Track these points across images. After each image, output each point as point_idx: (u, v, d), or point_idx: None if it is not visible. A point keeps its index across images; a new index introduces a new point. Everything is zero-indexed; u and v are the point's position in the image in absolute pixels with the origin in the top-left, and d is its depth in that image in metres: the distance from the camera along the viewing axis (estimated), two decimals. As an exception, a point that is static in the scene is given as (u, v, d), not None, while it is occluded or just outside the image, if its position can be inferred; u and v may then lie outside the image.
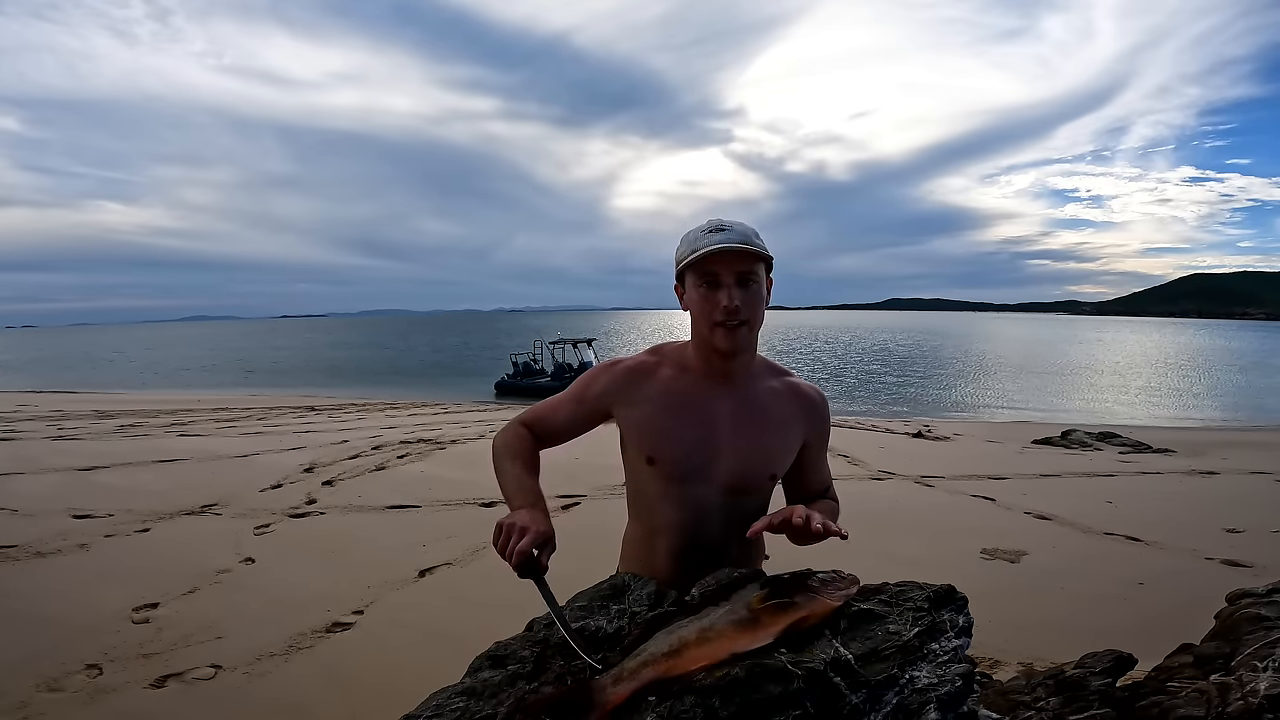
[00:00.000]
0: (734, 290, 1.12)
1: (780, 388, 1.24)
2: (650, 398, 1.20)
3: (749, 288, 1.13)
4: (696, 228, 1.17)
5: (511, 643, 1.05)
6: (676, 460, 1.18)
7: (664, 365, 1.24)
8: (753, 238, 1.14)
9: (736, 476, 1.19)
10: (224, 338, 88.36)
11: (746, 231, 1.14)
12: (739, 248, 1.10)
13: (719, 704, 0.81)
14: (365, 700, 2.47)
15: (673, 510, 1.21)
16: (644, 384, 1.22)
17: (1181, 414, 17.16)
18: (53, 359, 45.16)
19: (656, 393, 1.21)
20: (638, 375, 1.23)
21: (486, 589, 3.51)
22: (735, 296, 1.12)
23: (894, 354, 39.31)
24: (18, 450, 7.30)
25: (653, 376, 1.22)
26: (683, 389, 1.20)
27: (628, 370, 1.24)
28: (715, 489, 1.19)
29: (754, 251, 1.11)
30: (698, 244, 1.13)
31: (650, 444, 1.19)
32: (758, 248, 1.12)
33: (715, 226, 1.14)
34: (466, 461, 6.86)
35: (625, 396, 1.22)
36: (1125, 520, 4.75)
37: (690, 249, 1.14)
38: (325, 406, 13.96)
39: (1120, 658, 1.39)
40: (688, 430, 1.18)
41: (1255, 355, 42.81)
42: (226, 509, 4.93)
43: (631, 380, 1.22)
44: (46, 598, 3.29)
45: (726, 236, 1.12)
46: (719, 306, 1.12)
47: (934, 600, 0.97)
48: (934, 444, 8.88)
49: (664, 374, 1.22)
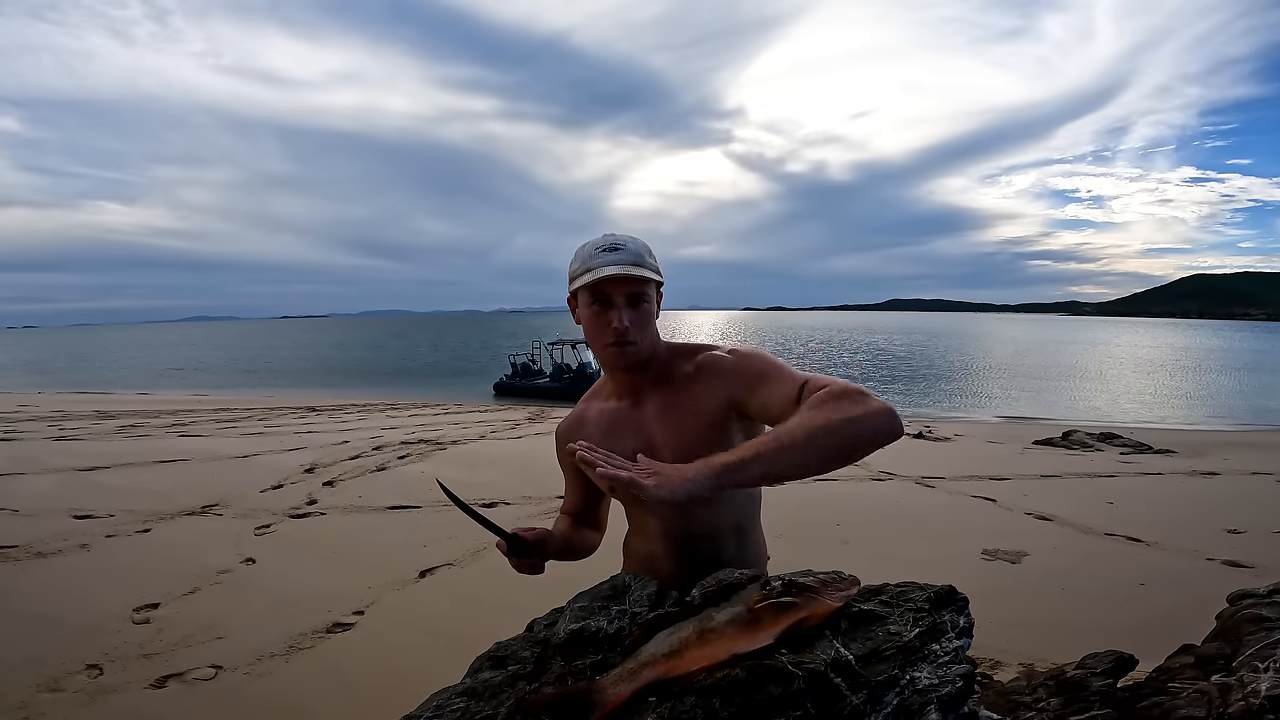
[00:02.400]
0: (624, 312, 1.14)
1: (692, 369, 1.24)
2: (590, 437, 1.24)
3: (639, 307, 1.16)
4: (590, 243, 1.17)
5: (512, 643, 1.05)
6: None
7: (592, 402, 1.32)
8: (645, 257, 1.16)
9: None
10: (224, 338, 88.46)
11: (639, 250, 1.16)
12: (631, 273, 1.12)
13: (719, 704, 0.81)
14: (366, 700, 2.48)
15: (653, 519, 1.25)
16: (579, 431, 1.28)
17: (1182, 415, 17.15)
18: (53, 359, 45.20)
19: (591, 431, 1.26)
20: (574, 425, 1.31)
21: (487, 589, 3.51)
22: (625, 318, 1.14)
23: (893, 355, 39.31)
24: (18, 450, 7.30)
25: (585, 419, 1.30)
26: (611, 415, 1.26)
27: (566, 427, 1.32)
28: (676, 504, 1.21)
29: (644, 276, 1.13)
30: (590, 263, 1.14)
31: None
32: (649, 270, 1.14)
33: (609, 245, 1.15)
34: (467, 462, 6.86)
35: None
36: (1126, 521, 4.74)
37: (584, 267, 1.15)
38: (326, 407, 13.97)
39: (1121, 658, 1.39)
40: (626, 449, 1.16)
41: (1256, 356, 42.79)
42: (227, 509, 4.93)
43: (569, 433, 1.29)
44: (46, 598, 3.30)
45: (619, 257, 1.13)
46: (609, 327, 1.15)
47: (935, 601, 0.97)
48: (934, 444, 8.88)
49: (593, 410, 1.30)
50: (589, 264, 1.14)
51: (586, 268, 1.14)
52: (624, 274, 1.12)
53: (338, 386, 23.56)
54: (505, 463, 6.91)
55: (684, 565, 1.21)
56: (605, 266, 1.12)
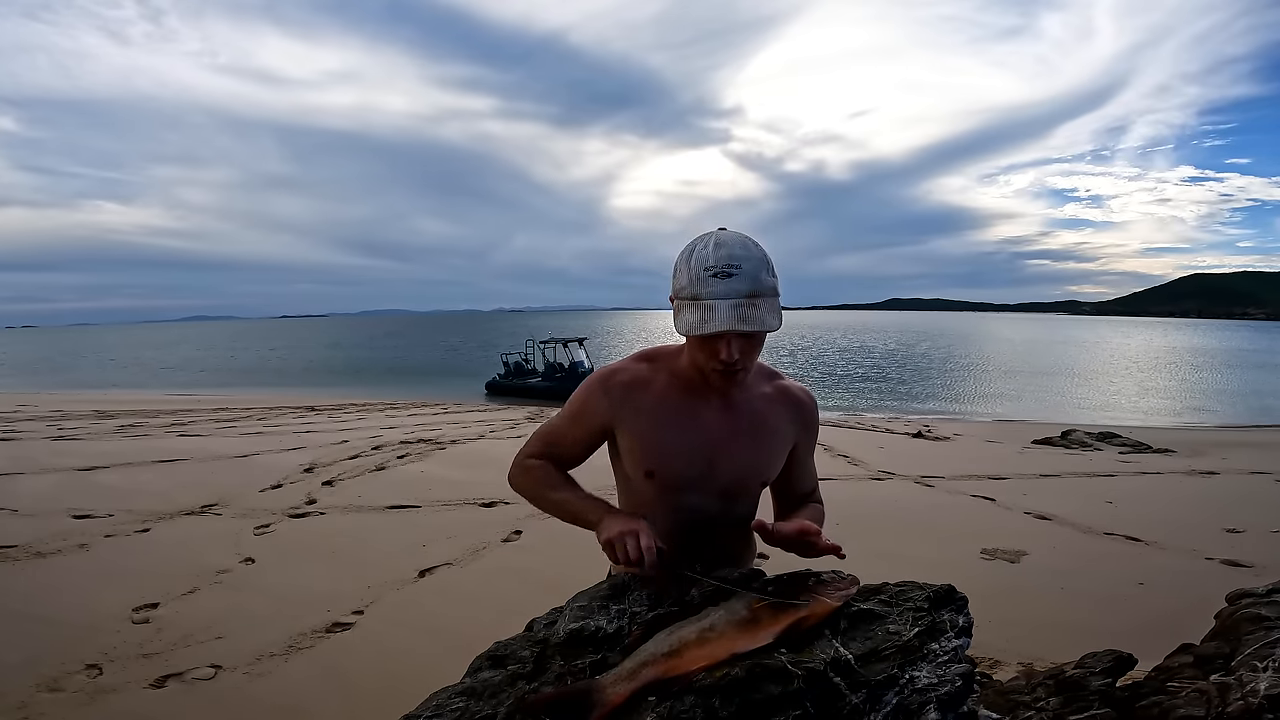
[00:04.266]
0: (735, 344, 1.04)
1: (771, 392, 1.23)
2: (647, 410, 1.18)
3: (752, 338, 1.06)
4: (699, 252, 1.04)
5: (511, 643, 1.05)
6: (676, 473, 1.18)
7: (659, 375, 1.20)
8: (762, 278, 1.03)
9: (731, 484, 1.20)
10: (224, 338, 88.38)
11: (756, 272, 1.02)
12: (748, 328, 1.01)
13: (719, 704, 0.81)
14: (365, 700, 2.47)
15: (667, 518, 1.20)
16: (641, 396, 1.18)
17: (1181, 414, 17.16)
18: (53, 359, 45.16)
19: (653, 405, 1.18)
20: (634, 388, 1.19)
21: (486, 589, 3.51)
22: (736, 350, 1.04)
23: (891, 356, 39.31)
24: (18, 450, 7.29)
25: (648, 388, 1.19)
26: (680, 399, 1.17)
27: (625, 385, 1.19)
28: (710, 497, 1.20)
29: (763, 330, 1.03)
30: (700, 289, 1.02)
31: (651, 458, 1.18)
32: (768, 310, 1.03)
33: (722, 268, 1.01)
34: (467, 462, 6.86)
35: (625, 410, 1.19)
36: (1125, 520, 4.75)
37: (691, 291, 1.03)
38: (325, 406, 13.96)
39: (1120, 658, 1.39)
40: (686, 443, 1.17)
41: (1255, 355, 42.80)
42: (226, 509, 4.93)
43: (629, 394, 1.19)
44: (46, 598, 3.29)
45: (735, 288, 1.00)
46: (717, 357, 1.06)
47: (934, 600, 0.98)
48: (934, 444, 8.88)
49: (659, 384, 1.19)
50: (697, 290, 1.02)
51: (694, 294, 1.02)
52: (734, 329, 1.00)
53: (337, 386, 23.56)
54: (505, 463, 6.81)
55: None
56: (716, 305, 1.00)
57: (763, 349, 1.13)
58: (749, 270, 1.02)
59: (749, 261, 1.02)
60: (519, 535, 4.35)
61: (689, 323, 1.02)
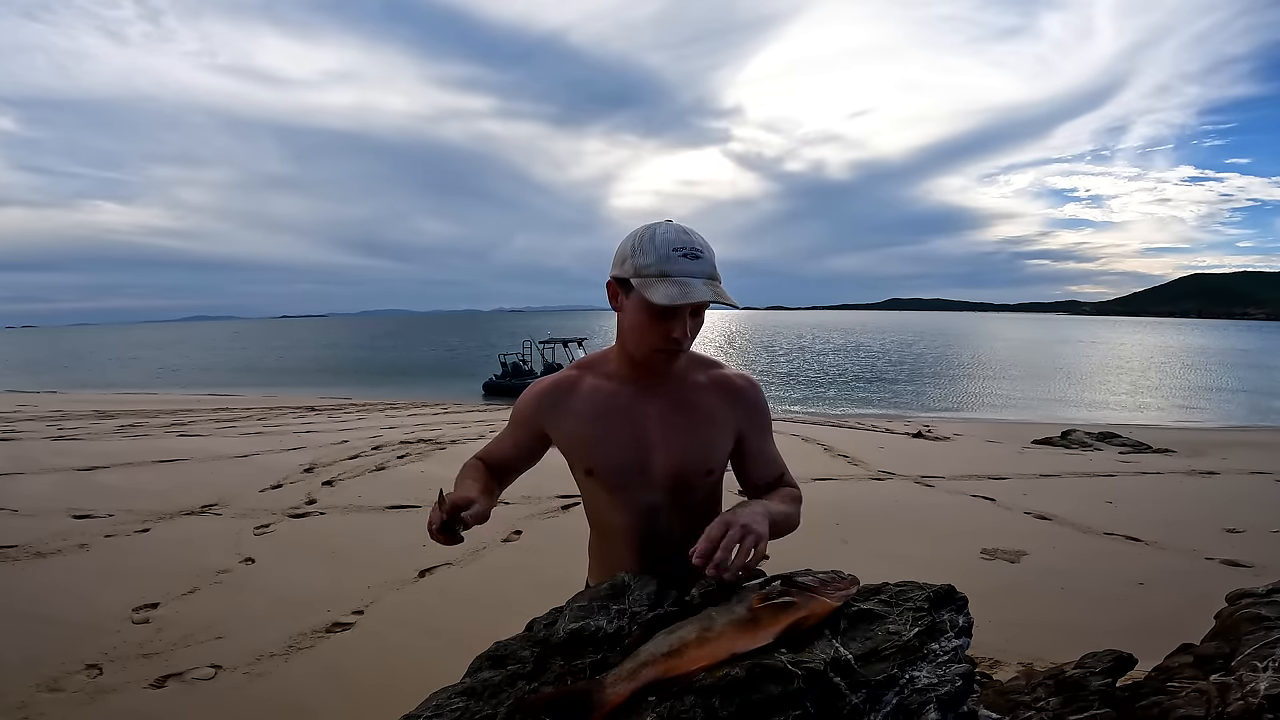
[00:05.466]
0: (688, 322, 1.09)
1: (706, 381, 1.22)
2: (577, 411, 1.20)
3: (699, 316, 1.12)
4: (661, 235, 1.07)
5: (511, 643, 1.05)
6: (613, 468, 1.19)
7: (586, 376, 1.23)
8: (714, 266, 1.09)
9: (674, 476, 1.20)
10: (224, 338, 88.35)
11: (714, 262, 1.09)
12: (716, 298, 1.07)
13: (719, 704, 0.81)
14: (365, 700, 2.48)
15: (621, 515, 1.22)
16: (568, 398, 1.22)
17: (1181, 414, 17.17)
18: (53, 359, 45.15)
19: (583, 405, 1.21)
20: (561, 391, 1.23)
21: (486, 589, 3.51)
22: (688, 329, 1.10)
23: (888, 356, 39.30)
24: (18, 450, 7.29)
25: (576, 390, 1.22)
26: (609, 397, 1.20)
27: (549, 388, 1.24)
28: (657, 490, 1.20)
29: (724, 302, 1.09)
30: (668, 267, 1.05)
31: (585, 456, 1.20)
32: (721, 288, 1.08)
33: (689, 250, 1.06)
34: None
35: (553, 414, 1.22)
36: (1125, 520, 4.75)
37: (659, 268, 1.05)
38: (325, 406, 13.97)
39: (1120, 658, 1.39)
40: (619, 437, 1.18)
41: (1255, 355, 42.80)
42: (226, 509, 4.93)
43: (555, 397, 1.23)
44: (46, 598, 3.29)
45: (701, 268, 1.06)
46: (668, 337, 1.09)
47: (934, 600, 0.98)
48: (934, 444, 8.89)
49: (587, 385, 1.22)
50: (666, 268, 1.05)
51: (663, 271, 1.05)
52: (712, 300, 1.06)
53: (337, 386, 23.56)
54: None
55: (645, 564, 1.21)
56: (690, 281, 1.05)
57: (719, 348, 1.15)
58: (709, 257, 1.08)
59: (707, 249, 1.09)
60: (519, 535, 4.35)
61: (668, 294, 1.04)
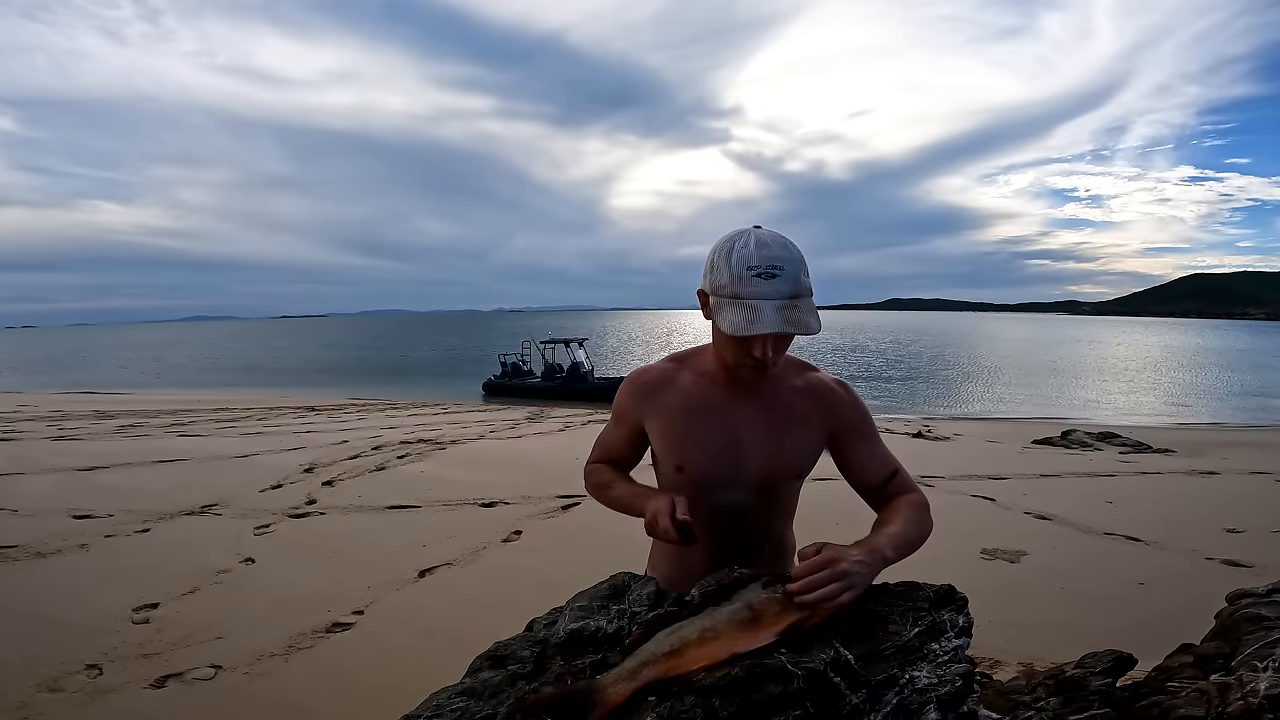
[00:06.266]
0: (770, 342, 1.04)
1: (801, 385, 1.20)
2: (673, 406, 1.20)
3: (786, 336, 1.06)
4: (739, 248, 1.02)
5: (511, 643, 1.05)
6: (704, 466, 1.19)
7: (684, 372, 1.22)
8: (802, 279, 1.02)
9: (764, 478, 1.20)
10: (224, 338, 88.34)
11: (797, 273, 1.02)
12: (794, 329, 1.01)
13: (719, 704, 0.81)
14: (365, 700, 2.48)
15: (703, 513, 1.20)
16: (665, 393, 1.21)
17: (1181, 414, 17.16)
18: (53, 359, 45.14)
19: (678, 401, 1.20)
20: (658, 385, 1.22)
21: (486, 589, 3.51)
22: (770, 347, 1.05)
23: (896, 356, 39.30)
24: (18, 450, 7.30)
25: (673, 385, 1.21)
26: (705, 395, 1.19)
27: (648, 382, 1.23)
28: (744, 491, 1.20)
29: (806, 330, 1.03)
30: (742, 289, 1.01)
31: (678, 452, 1.20)
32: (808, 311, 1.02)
33: (766, 267, 1.00)
34: (467, 462, 6.86)
35: (650, 408, 1.22)
36: (1125, 520, 4.75)
37: (733, 290, 1.01)
38: (325, 406, 13.96)
39: (1120, 658, 1.39)
40: (713, 436, 1.18)
41: (1255, 355, 42.80)
42: (226, 509, 4.93)
43: (653, 391, 1.22)
44: (46, 598, 3.29)
45: (778, 289, 1.00)
46: (750, 354, 1.06)
47: (934, 600, 0.98)
48: (934, 444, 8.89)
49: (684, 381, 1.21)
50: (739, 289, 1.01)
51: (735, 293, 1.01)
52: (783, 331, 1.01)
53: (337, 386, 23.55)
54: (505, 463, 6.91)
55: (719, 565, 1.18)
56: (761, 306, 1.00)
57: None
58: (790, 272, 1.01)
59: (791, 263, 1.02)
60: (519, 535, 4.34)
61: (734, 323, 1.01)
